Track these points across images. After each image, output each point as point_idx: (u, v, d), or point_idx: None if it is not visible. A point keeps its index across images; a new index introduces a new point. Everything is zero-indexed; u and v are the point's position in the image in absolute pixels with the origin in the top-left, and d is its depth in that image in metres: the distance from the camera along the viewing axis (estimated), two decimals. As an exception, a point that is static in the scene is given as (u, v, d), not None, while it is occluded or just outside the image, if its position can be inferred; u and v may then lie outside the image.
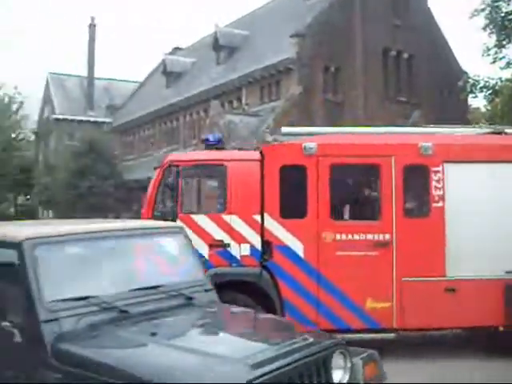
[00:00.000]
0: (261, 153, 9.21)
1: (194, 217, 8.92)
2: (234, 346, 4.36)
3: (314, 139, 9.12)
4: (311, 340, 4.42)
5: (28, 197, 44.44)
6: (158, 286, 5.05)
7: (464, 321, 8.71)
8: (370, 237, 8.75)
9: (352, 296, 8.64)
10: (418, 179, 9.01)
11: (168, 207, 9.12)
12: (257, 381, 3.72)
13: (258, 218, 8.86)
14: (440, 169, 8.74)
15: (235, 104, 28.88)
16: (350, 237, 8.75)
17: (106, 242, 5.19)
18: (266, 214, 8.83)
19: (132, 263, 5.40)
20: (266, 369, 3.82)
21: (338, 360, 4.41)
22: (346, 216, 9.28)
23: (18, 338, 4.41)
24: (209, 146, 9.83)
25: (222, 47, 31.92)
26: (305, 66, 25.55)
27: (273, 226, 8.79)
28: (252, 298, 8.46)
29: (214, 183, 10.10)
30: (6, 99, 42.01)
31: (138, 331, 4.49)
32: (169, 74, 37.17)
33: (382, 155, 8.86)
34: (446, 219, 8.75)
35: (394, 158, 8.79)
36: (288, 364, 4.00)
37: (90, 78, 47.04)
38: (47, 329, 4.31)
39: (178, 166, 9.06)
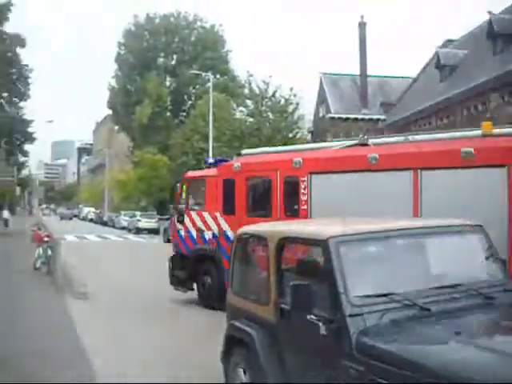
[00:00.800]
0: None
1: (191, 212, 14.16)
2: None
3: (241, 159, 13.70)
4: None
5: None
6: (457, 285, 5.03)
7: None
8: None
9: None
10: (292, 187, 11.49)
11: (182, 206, 14.62)
12: None
13: (217, 214, 13.30)
14: (306, 179, 11.13)
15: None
16: None
17: (404, 240, 5.32)
18: (217, 212, 13.31)
19: (429, 261, 5.43)
20: None
21: None
22: (255, 214, 12.42)
23: (323, 331, 4.72)
24: (207, 165, 15.55)
25: (498, 35, 30.12)
26: None
27: (220, 219, 13.19)
28: (213, 266, 13.17)
29: (202, 191, 14.12)
30: (283, 101, 44.19)
31: (441, 329, 4.53)
32: (442, 68, 36.15)
33: (272, 169, 12.07)
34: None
35: (279, 172, 11.85)
36: None
37: (363, 76, 47.71)
38: (352, 323, 4.55)
39: (187, 179, 14.89)
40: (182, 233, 14.28)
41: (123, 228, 53.31)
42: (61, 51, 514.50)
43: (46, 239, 19.40)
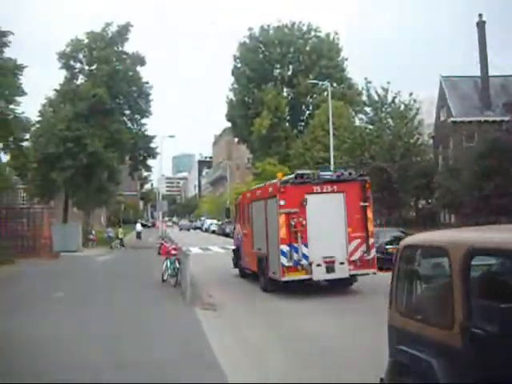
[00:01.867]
0: None
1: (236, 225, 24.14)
2: None
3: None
4: None
5: (429, 201, 45.09)
6: None
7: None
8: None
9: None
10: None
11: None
12: None
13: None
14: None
15: None
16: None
17: None
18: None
19: None
20: None
21: None
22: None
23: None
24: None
25: None
26: None
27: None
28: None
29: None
30: (402, 107, 43.25)
31: None
32: None
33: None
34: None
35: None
36: None
37: (484, 77, 45.77)
38: None
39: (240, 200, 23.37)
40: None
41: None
42: (177, 67, 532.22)
43: (173, 252, 19.79)
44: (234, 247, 23.65)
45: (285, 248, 16.20)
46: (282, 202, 16.35)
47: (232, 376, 8.06)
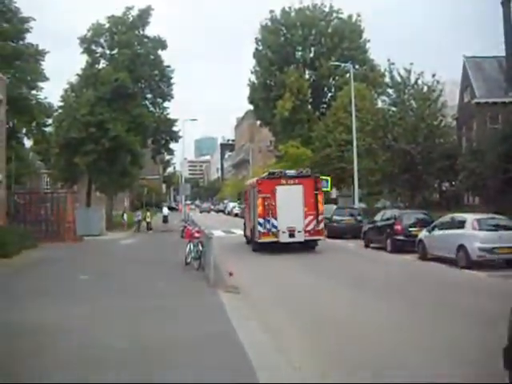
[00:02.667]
0: None
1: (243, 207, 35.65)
2: None
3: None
4: None
5: (453, 183, 44.69)
6: None
7: None
8: None
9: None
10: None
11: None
12: None
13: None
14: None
15: None
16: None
17: None
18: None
19: None
20: None
21: None
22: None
23: None
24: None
25: None
26: None
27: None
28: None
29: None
30: (425, 88, 42.74)
31: None
32: None
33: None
34: None
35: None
36: None
37: (509, 57, 45.04)
38: None
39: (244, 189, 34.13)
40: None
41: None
42: (199, 50, 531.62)
43: (196, 235, 19.89)
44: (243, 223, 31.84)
45: (261, 220, 25.01)
46: (259, 189, 25.41)
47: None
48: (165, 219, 46.92)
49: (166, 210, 50.02)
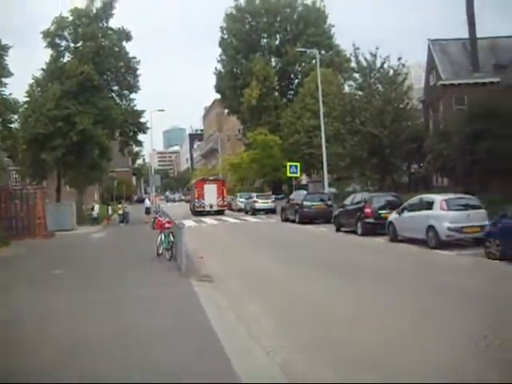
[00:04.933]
0: None
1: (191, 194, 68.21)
2: None
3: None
4: None
5: (421, 165, 45.17)
6: None
7: None
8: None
9: None
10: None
11: None
12: None
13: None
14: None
15: None
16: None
17: None
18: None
19: None
20: None
21: None
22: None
23: None
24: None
25: None
26: None
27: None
28: None
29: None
30: (391, 72, 43.01)
31: None
32: None
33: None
34: None
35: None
36: None
37: (472, 39, 45.50)
38: None
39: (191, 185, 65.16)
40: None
41: (240, 210, 54.19)
42: (164, 40, 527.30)
43: (167, 226, 19.87)
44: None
45: (197, 200, 52.40)
46: (196, 186, 54.70)
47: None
48: (147, 211, 46.86)
49: (147, 202, 49.98)
